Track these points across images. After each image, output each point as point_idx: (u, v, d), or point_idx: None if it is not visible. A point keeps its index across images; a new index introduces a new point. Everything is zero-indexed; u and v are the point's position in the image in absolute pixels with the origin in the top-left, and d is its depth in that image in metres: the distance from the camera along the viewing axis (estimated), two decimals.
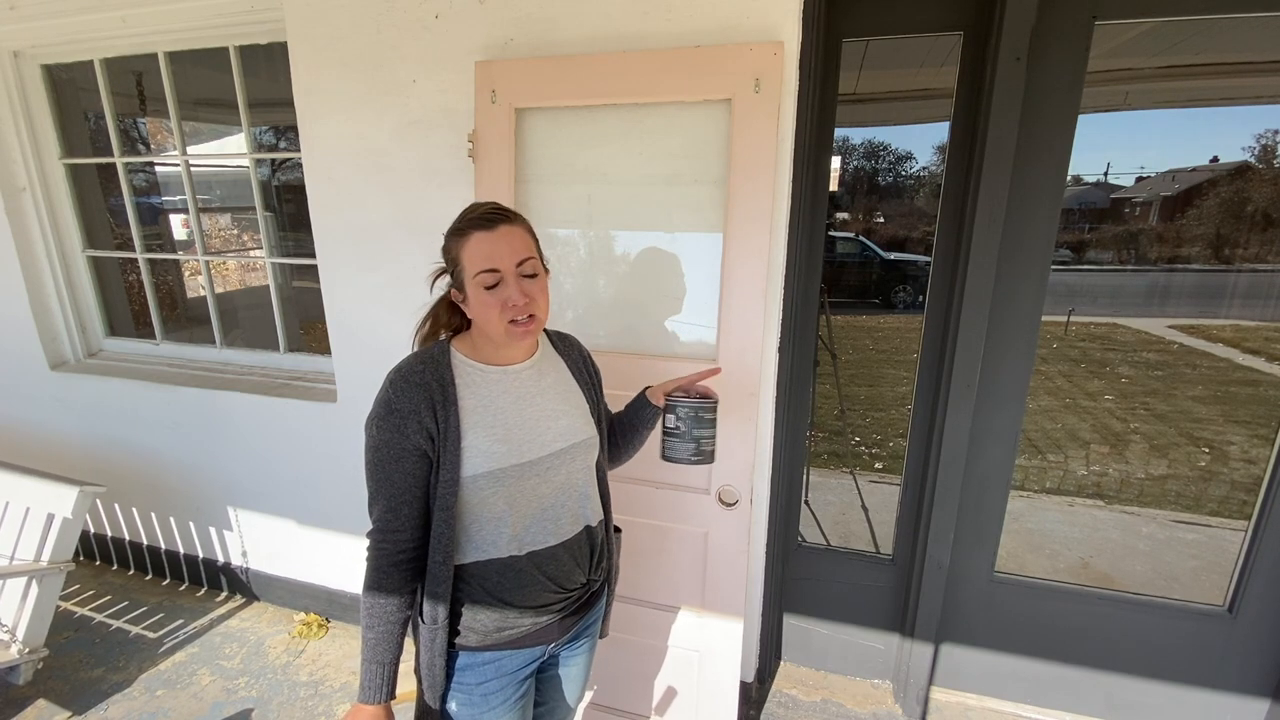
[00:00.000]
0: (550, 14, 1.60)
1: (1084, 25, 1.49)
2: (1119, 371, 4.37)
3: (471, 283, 0.98)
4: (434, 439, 0.97)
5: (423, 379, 0.99)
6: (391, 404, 0.97)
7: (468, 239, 0.98)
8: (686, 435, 1.21)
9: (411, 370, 1.00)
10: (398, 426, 0.96)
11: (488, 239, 0.97)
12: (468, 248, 0.98)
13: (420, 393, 0.97)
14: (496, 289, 0.98)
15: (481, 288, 0.98)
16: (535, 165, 1.66)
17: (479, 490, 0.99)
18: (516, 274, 0.99)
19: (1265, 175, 3.26)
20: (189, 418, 2.38)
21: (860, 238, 5.72)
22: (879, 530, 2.39)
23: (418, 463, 0.98)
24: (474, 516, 1.02)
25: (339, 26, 1.79)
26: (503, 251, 0.98)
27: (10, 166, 2.40)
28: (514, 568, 1.03)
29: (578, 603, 1.14)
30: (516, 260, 0.98)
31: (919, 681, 1.94)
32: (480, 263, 0.97)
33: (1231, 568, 1.76)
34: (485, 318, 1.00)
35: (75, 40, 2.22)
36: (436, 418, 0.97)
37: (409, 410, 0.96)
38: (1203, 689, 1.80)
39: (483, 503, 1.01)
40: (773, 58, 1.40)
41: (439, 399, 0.98)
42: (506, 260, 0.98)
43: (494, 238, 0.97)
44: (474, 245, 0.98)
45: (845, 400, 3.60)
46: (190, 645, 2.30)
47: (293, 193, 2.47)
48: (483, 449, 0.99)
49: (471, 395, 1.01)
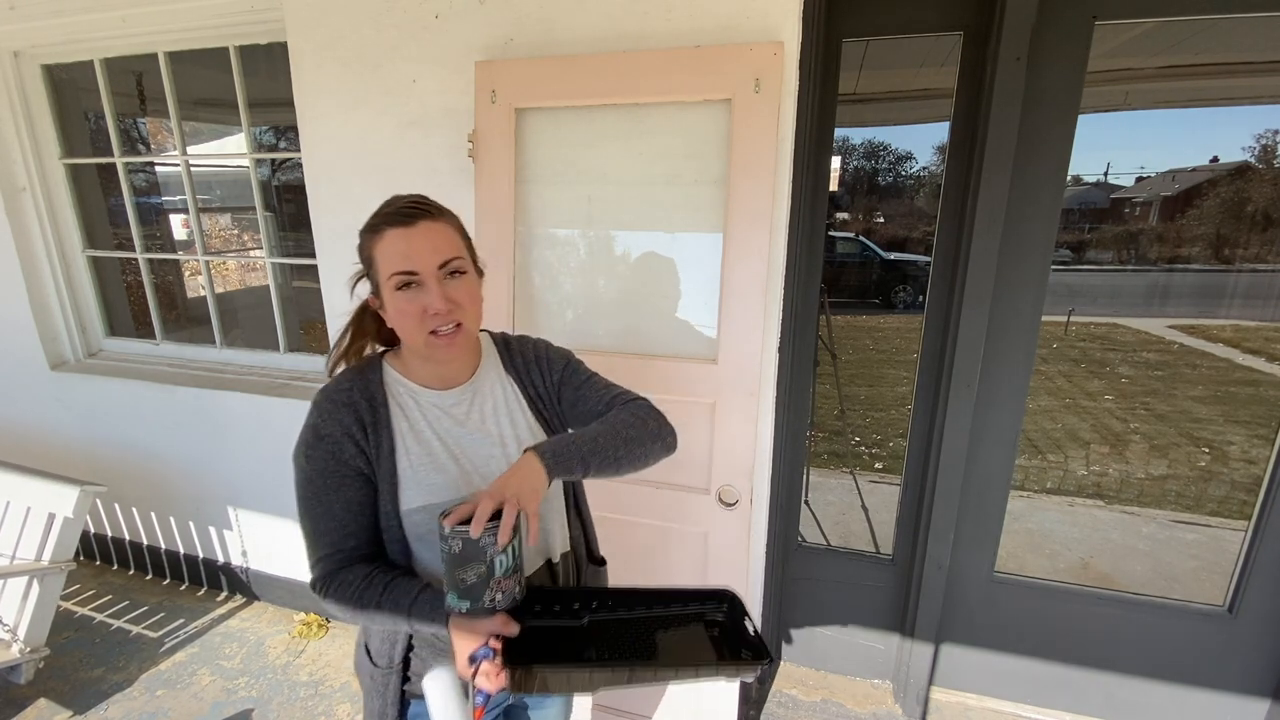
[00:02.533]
0: (550, 14, 1.60)
1: (1084, 25, 1.49)
2: (1119, 371, 4.37)
3: (386, 285, 0.85)
4: (371, 462, 0.87)
5: (349, 398, 0.88)
6: (319, 429, 0.86)
7: (381, 236, 0.85)
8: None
9: (337, 389, 0.89)
10: (331, 452, 0.86)
11: (403, 236, 0.84)
12: (381, 246, 0.85)
13: (348, 413, 0.87)
14: (413, 292, 0.84)
15: (395, 290, 0.85)
16: (535, 165, 1.66)
17: (417, 526, 0.88)
18: (438, 275, 0.85)
19: (1265, 175, 3.26)
20: (189, 418, 2.38)
21: (860, 238, 5.73)
22: (879, 530, 2.39)
23: (361, 488, 0.87)
24: (421, 553, 0.91)
25: (339, 26, 1.79)
26: (421, 250, 0.84)
27: (10, 166, 2.40)
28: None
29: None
30: (439, 260, 0.85)
31: (919, 681, 1.94)
32: (395, 263, 0.84)
33: (1231, 568, 1.76)
34: (404, 327, 0.87)
35: (75, 40, 2.22)
36: (368, 439, 0.87)
37: (340, 433, 0.86)
38: (1203, 689, 1.80)
39: (423, 540, 0.90)
40: (773, 58, 1.40)
41: (369, 420, 0.88)
42: (426, 260, 0.84)
43: (411, 234, 0.84)
44: (388, 243, 0.84)
45: (845, 400, 3.61)
46: (190, 645, 2.30)
47: (293, 193, 2.47)
48: (418, 479, 0.88)
49: (404, 418, 0.90)
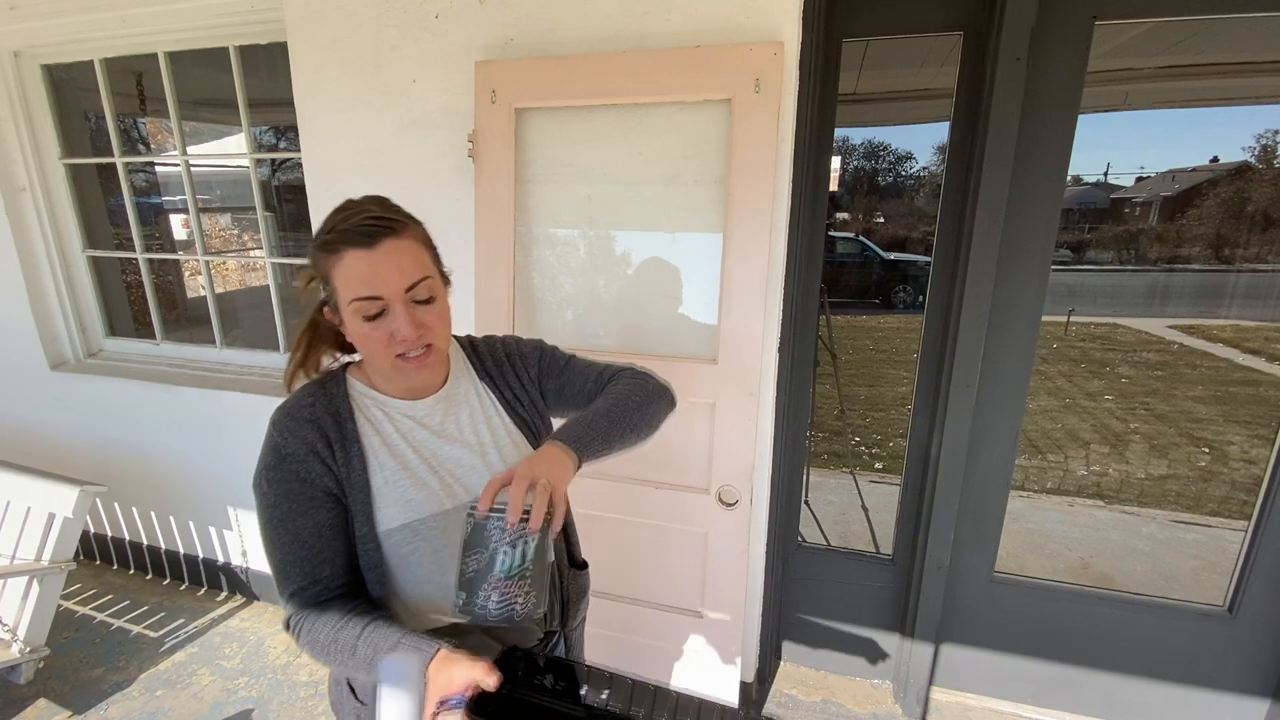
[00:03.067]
0: (550, 14, 1.60)
1: (1084, 25, 1.49)
2: (1119, 371, 4.37)
3: (347, 310, 0.78)
4: (341, 483, 0.81)
5: (312, 414, 0.81)
6: (280, 448, 0.79)
7: (340, 257, 0.76)
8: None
9: (297, 405, 0.82)
10: (295, 472, 0.78)
11: (365, 259, 0.75)
12: (340, 269, 0.76)
13: (311, 429, 0.80)
14: (379, 320, 0.78)
15: (360, 318, 0.77)
16: (535, 165, 1.66)
17: (398, 547, 0.83)
18: (406, 300, 0.78)
19: (1265, 175, 3.26)
20: (189, 418, 2.38)
21: (860, 238, 5.73)
22: (879, 530, 2.39)
23: (331, 510, 0.80)
24: (404, 578, 0.85)
25: (339, 26, 1.79)
26: (387, 274, 0.76)
27: (10, 166, 2.40)
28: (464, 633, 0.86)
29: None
30: (406, 284, 0.77)
31: (919, 682, 1.94)
32: (357, 288, 0.76)
33: (1231, 568, 1.76)
34: (368, 351, 0.81)
35: (75, 40, 2.22)
36: (336, 458, 0.80)
37: (304, 451, 0.79)
38: (1203, 689, 1.80)
39: (405, 561, 0.84)
40: (773, 58, 1.40)
41: (335, 436, 0.81)
42: (392, 284, 0.77)
43: (374, 257, 0.76)
44: (348, 266, 0.76)
45: (845, 400, 3.60)
46: (190, 645, 2.30)
47: (293, 193, 2.47)
48: (395, 496, 0.82)
49: (374, 432, 0.84)
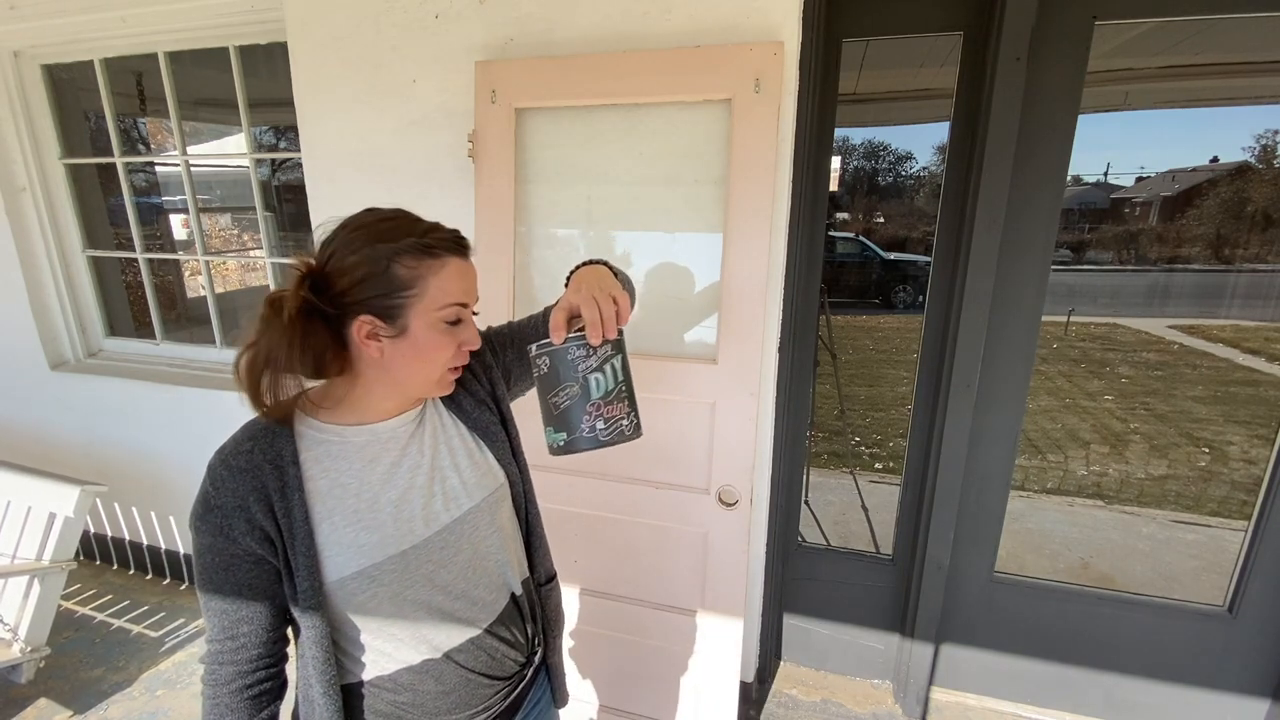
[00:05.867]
0: (550, 14, 1.60)
1: (1084, 25, 1.49)
2: (1119, 371, 4.37)
3: (431, 315, 0.78)
4: (273, 539, 0.75)
5: (250, 461, 0.75)
6: (209, 499, 0.74)
7: (444, 264, 0.78)
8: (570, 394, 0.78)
9: (235, 451, 0.76)
10: (219, 527, 0.74)
11: (465, 270, 0.81)
12: (444, 274, 0.78)
13: (246, 480, 0.74)
14: (459, 327, 0.82)
15: (444, 323, 0.80)
16: (535, 165, 1.66)
17: (352, 596, 0.77)
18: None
19: (1265, 175, 3.26)
20: (189, 417, 2.38)
21: (860, 238, 5.73)
22: (879, 530, 2.39)
23: (252, 571, 0.75)
24: (358, 626, 0.80)
25: (339, 26, 1.79)
26: (475, 285, 0.84)
27: (10, 166, 2.40)
28: (432, 673, 0.82)
29: (516, 689, 0.93)
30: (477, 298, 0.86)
31: (919, 681, 1.94)
32: (457, 294, 0.80)
33: (1231, 568, 1.76)
34: (426, 359, 0.80)
35: (75, 40, 2.22)
36: (274, 511, 0.75)
37: (232, 506, 0.73)
38: (1203, 689, 1.81)
39: (362, 608, 0.79)
40: (773, 58, 1.40)
41: (274, 486, 0.75)
42: (475, 296, 0.84)
43: (469, 268, 0.82)
44: (452, 273, 0.79)
45: (845, 400, 3.61)
46: (191, 645, 2.29)
47: (293, 193, 2.47)
48: (345, 542, 0.77)
49: (323, 474, 0.79)
